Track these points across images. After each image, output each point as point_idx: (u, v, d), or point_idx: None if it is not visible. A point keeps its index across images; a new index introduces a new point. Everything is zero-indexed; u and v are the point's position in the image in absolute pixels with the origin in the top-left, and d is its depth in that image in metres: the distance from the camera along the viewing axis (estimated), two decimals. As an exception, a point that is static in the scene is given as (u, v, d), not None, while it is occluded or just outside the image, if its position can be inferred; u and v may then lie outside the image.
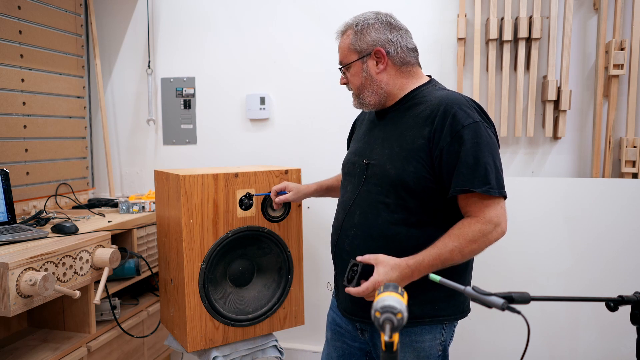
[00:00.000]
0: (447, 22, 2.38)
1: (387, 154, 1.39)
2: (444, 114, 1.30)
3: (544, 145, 2.36)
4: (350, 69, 1.46)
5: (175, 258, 1.80)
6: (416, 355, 1.42)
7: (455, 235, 1.26)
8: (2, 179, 1.95)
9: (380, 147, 1.42)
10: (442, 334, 1.43)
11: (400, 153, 1.35)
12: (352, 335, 1.54)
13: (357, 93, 1.47)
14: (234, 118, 2.66)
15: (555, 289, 2.24)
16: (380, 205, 1.37)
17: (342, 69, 1.49)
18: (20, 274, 1.52)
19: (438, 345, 1.43)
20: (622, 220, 2.17)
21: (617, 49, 2.17)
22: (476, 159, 1.26)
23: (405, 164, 1.33)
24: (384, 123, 1.47)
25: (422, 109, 1.37)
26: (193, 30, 2.67)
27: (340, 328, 1.57)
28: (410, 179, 1.32)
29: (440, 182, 1.31)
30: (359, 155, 1.48)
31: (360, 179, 1.43)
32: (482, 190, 1.25)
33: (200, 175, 1.71)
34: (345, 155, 1.60)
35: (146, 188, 2.81)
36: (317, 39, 2.52)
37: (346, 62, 1.47)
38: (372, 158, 1.42)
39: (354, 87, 1.47)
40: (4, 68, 2.21)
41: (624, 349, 2.19)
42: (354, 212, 1.43)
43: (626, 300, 0.99)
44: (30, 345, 1.85)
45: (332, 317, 1.61)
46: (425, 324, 1.40)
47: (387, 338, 0.77)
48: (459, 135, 1.27)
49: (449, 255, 1.25)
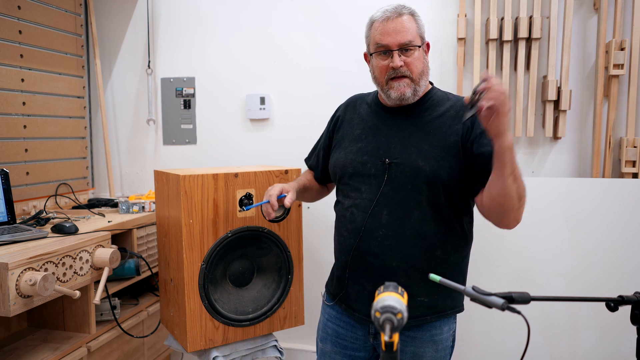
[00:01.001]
0: (447, 22, 2.38)
1: (414, 152, 1.38)
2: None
3: (544, 145, 2.36)
4: (415, 52, 1.38)
5: (175, 258, 1.80)
6: (435, 348, 1.45)
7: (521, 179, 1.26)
8: (2, 179, 1.95)
9: (400, 145, 1.41)
10: (454, 324, 1.50)
11: (431, 150, 1.37)
12: (357, 345, 1.51)
13: (417, 79, 1.40)
14: (234, 118, 2.66)
15: (555, 289, 2.24)
16: (411, 203, 1.38)
17: (404, 50, 1.38)
18: (20, 274, 1.52)
19: (451, 336, 1.50)
20: (622, 220, 2.17)
21: (617, 49, 2.17)
22: None
23: (440, 161, 1.36)
24: (398, 121, 1.44)
25: (445, 109, 1.43)
26: (193, 30, 2.67)
27: (344, 340, 1.53)
28: (445, 175, 1.35)
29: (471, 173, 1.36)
30: (369, 155, 1.44)
31: (380, 178, 1.40)
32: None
33: (200, 175, 1.71)
34: (340, 155, 1.53)
35: (146, 188, 2.81)
36: (317, 38, 2.52)
37: (416, 42, 1.38)
38: (394, 157, 1.40)
39: (415, 72, 1.39)
40: (4, 68, 2.21)
41: (624, 349, 2.19)
42: (379, 213, 1.40)
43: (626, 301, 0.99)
44: (30, 345, 1.85)
45: (334, 328, 1.55)
46: (446, 316, 1.45)
47: (387, 338, 0.77)
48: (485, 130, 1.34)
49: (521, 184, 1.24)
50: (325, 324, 1.59)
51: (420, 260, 1.39)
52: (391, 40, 1.37)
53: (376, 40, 1.40)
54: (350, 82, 2.38)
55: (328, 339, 1.56)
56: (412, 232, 1.38)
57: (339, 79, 2.50)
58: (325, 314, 1.60)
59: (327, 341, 1.57)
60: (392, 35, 1.36)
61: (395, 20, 1.37)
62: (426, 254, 1.39)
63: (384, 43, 1.38)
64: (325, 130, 1.70)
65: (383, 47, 1.38)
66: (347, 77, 2.47)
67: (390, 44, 1.37)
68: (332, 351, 1.55)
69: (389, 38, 1.37)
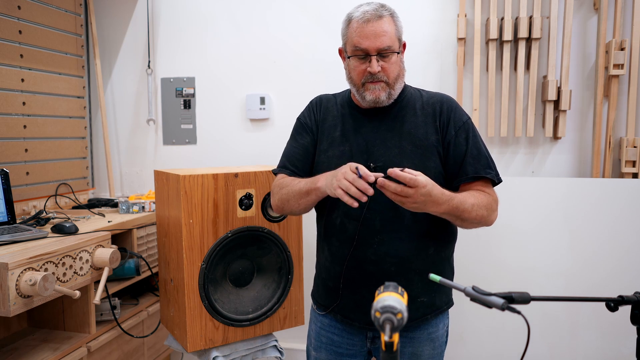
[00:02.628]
0: (447, 22, 2.38)
1: (397, 153, 1.37)
2: (447, 110, 1.41)
3: (544, 145, 2.36)
4: (392, 57, 1.36)
5: (175, 258, 1.80)
6: (432, 346, 1.46)
7: (474, 196, 1.32)
8: (2, 179, 1.95)
9: (383, 147, 1.39)
10: (447, 319, 1.52)
11: (415, 151, 1.37)
12: (354, 351, 1.49)
13: (393, 84, 1.38)
14: (234, 118, 2.66)
15: (555, 289, 2.24)
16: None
17: (381, 55, 1.35)
18: (20, 274, 1.52)
19: (445, 332, 1.51)
20: (622, 220, 2.17)
21: (617, 49, 2.17)
22: (478, 149, 1.40)
23: (425, 161, 1.37)
24: (376, 122, 1.42)
25: (420, 106, 1.43)
26: (193, 30, 2.67)
27: (339, 347, 1.50)
28: (432, 174, 1.33)
29: (445, 171, 1.39)
30: (353, 159, 1.38)
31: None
32: (490, 175, 1.38)
33: (200, 175, 1.71)
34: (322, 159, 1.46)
35: (146, 188, 2.81)
36: (317, 38, 2.52)
37: (394, 48, 1.36)
38: (378, 160, 1.38)
39: (391, 77, 1.37)
40: (4, 68, 2.21)
41: (624, 349, 2.19)
42: (372, 219, 1.37)
43: (626, 301, 0.99)
44: (30, 345, 1.85)
45: (328, 337, 1.52)
46: (442, 312, 1.47)
47: (387, 338, 0.77)
48: (462, 129, 1.40)
49: (469, 207, 1.29)
50: (318, 332, 1.55)
51: (416, 261, 1.39)
52: (370, 44, 1.33)
53: (354, 42, 1.36)
54: (350, 82, 2.38)
55: (322, 347, 1.53)
56: (406, 235, 1.38)
57: (339, 78, 2.49)
58: (317, 322, 1.56)
59: (322, 349, 1.53)
60: (371, 39, 1.33)
61: (375, 23, 1.33)
62: (421, 254, 1.40)
63: (363, 47, 1.34)
64: (301, 131, 1.56)
65: (361, 51, 1.35)
66: (347, 77, 2.47)
67: (369, 49, 1.34)
68: (327, 359, 1.52)
69: (368, 42, 1.33)
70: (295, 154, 1.52)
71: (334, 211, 1.44)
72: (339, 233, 1.43)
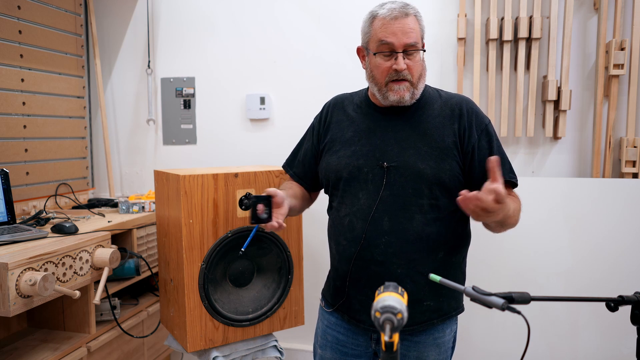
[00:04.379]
0: (447, 22, 2.38)
1: (412, 154, 1.36)
2: (467, 113, 1.40)
3: (544, 145, 2.36)
4: (417, 56, 1.35)
5: (175, 258, 1.80)
6: (437, 351, 1.44)
7: (513, 201, 1.32)
8: (2, 179, 1.95)
9: (397, 147, 1.37)
10: (455, 325, 1.50)
11: (430, 152, 1.35)
12: (359, 351, 1.49)
13: (416, 82, 1.36)
14: (234, 118, 2.66)
15: (555, 289, 2.24)
16: (413, 207, 1.35)
17: (406, 52, 1.33)
18: (20, 274, 1.52)
19: (452, 337, 1.49)
20: (622, 220, 2.17)
21: (617, 49, 2.17)
22: (501, 153, 1.40)
23: (440, 162, 1.35)
24: (392, 122, 1.41)
25: (438, 108, 1.41)
26: (193, 30, 2.67)
27: (344, 347, 1.50)
28: (447, 177, 1.34)
29: (470, 176, 1.38)
30: (365, 159, 1.39)
31: (378, 183, 1.36)
32: (515, 179, 1.41)
33: (200, 175, 1.71)
34: (332, 159, 1.46)
35: (146, 188, 2.81)
36: (317, 38, 2.52)
37: (419, 46, 1.35)
38: (392, 160, 1.36)
39: (415, 75, 1.35)
40: (4, 68, 2.21)
41: (624, 349, 2.19)
42: (380, 219, 1.36)
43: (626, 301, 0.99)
44: (30, 345, 1.85)
45: (334, 335, 1.52)
46: (450, 317, 1.45)
47: (387, 338, 0.77)
48: (484, 132, 1.40)
49: (512, 213, 1.29)
50: (324, 330, 1.55)
51: (424, 265, 1.37)
52: (397, 40, 1.32)
53: (380, 37, 1.33)
54: (350, 82, 2.37)
55: (328, 345, 1.53)
56: (415, 237, 1.36)
57: (339, 79, 2.50)
58: (324, 320, 1.56)
59: (327, 348, 1.54)
60: (399, 35, 1.31)
61: (402, 20, 1.32)
62: (429, 257, 1.37)
63: (389, 41, 1.32)
64: (310, 134, 1.61)
65: (387, 45, 1.33)
66: (347, 76, 2.47)
67: (395, 44, 1.32)
68: (332, 358, 1.53)
69: (395, 38, 1.32)
70: (297, 157, 1.65)
71: (343, 207, 1.44)
72: (347, 232, 1.42)
